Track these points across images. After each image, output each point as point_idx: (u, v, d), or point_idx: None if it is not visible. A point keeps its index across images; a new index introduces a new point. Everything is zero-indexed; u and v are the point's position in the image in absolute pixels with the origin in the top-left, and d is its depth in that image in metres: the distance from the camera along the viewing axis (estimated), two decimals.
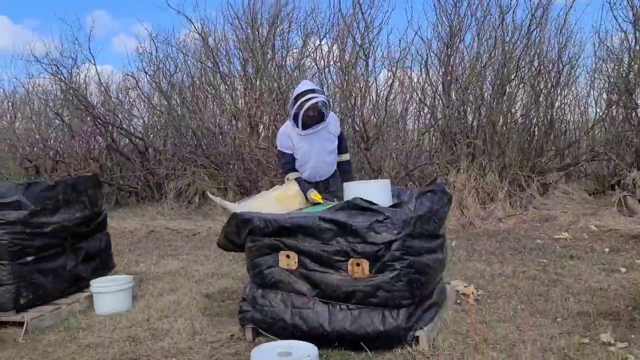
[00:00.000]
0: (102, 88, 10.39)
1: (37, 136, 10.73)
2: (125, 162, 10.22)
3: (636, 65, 7.69)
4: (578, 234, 5.94)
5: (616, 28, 8.05)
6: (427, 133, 8.98)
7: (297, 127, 3.87)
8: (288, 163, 4.05)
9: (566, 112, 8.76)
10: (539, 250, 5.40)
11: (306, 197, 3.86)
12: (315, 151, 3.99)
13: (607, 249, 5.24)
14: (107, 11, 21.07)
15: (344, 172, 4.23)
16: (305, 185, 3.95)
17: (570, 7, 7.94)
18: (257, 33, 9.12)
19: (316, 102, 3.78)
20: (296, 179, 3.98)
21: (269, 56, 9.10)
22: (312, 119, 3.88)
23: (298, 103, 3.78)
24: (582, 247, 5.42)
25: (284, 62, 9.30)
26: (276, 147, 4.39)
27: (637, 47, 7.64)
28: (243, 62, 9.43)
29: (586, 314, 3.39)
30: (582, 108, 8.95)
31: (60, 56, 10.00)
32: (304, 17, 9.23)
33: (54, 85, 10.80)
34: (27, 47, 15.64)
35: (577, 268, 4.60)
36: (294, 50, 9.44)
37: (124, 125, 10.18)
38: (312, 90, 3.84)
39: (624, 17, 7.73)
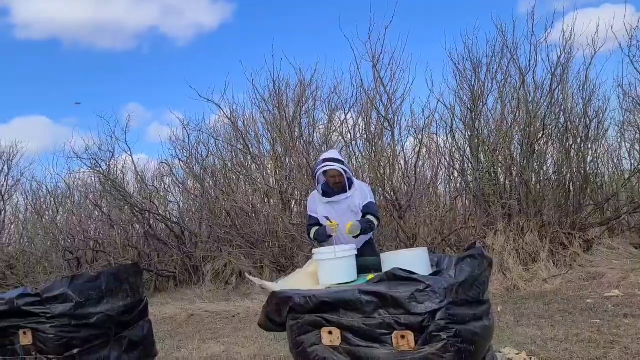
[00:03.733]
0: (139, 177, 10.81)
1: (78, 228, 11.09)
2: (162, 248, 10.39)
3: None
4: (630, 291, 5.67)
5: (638, 79, 8.03)
6: (459, 197, 8.93)
7: (319, 193, 4.07)
8: (311, 225, 4.19)
9: (599, 165, 8.64)
10: (590, 310, 5.16)
11: (327, 236, 3.99)
12: (339, 220, 4.03)
13: None
14: (140, 103, 22.35)
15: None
16: (322, 230, 4.05)
17: (590, 63, 8.02)
18: (283, 113, 9.46)
19: (326, 171, 3.94)
20: (317, 230, 4.10)
21: (296, 134, 9.38)
22: (339, 186, 4.00)
23: (314, 172, 4.04)
24: (636, 304, 5.16)
25: (311, 139, 9.57)
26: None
27: None
28: (272, 142, 9.74)
29: None
30: (615, 160, 8.82)
31: (99, 150, 10.44)
32: (328, 94, 9.57)
33: (93, 178, 11.30)
34: (67, 144, 16.72)
35: (633, 327, 4.37)
36: (321, 126, 9.73)
37: (160, 211, 10.47)
38: (330, 159, 3.98)
39: None
